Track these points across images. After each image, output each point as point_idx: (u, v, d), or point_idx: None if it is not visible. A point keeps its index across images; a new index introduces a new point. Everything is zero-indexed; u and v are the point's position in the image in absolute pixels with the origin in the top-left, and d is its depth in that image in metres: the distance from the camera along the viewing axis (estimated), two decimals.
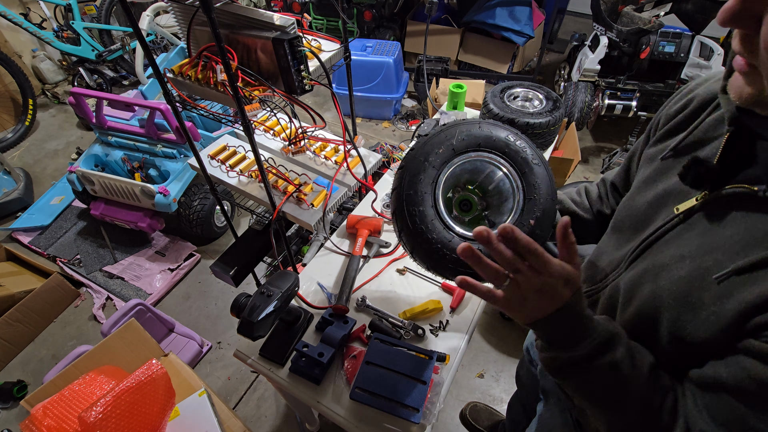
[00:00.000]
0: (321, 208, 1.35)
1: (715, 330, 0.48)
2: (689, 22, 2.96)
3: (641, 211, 0.65)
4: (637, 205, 0.67)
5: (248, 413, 1.88)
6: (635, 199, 0.68)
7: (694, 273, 0.51)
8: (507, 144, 0.80)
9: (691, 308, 0.50)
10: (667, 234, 0.58)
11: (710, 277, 0.49)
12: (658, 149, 0.68)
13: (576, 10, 4.97)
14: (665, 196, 0.62)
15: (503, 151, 0.80)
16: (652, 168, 0.67)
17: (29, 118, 3.43)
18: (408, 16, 4.07)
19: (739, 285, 0.46)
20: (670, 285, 0.53)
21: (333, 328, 1.11)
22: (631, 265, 0.63)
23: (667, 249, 0.57)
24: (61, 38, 3.36)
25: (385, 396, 0.97)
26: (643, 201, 0.66)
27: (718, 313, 0.48)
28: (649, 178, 0.67)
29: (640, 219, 0.65)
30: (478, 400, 1.87)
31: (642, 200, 0.66)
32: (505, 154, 0.80)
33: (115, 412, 1.06)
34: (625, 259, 0.65)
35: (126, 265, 2.46)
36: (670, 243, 0.57)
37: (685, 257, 0.53)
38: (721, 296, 0.48)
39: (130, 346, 1.55)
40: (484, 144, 0.80)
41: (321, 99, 3.83)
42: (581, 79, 3.08)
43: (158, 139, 2.31)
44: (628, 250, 0.65)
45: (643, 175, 0.69)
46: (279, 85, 1.12)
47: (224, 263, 1.45)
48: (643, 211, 0.65)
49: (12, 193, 2.78)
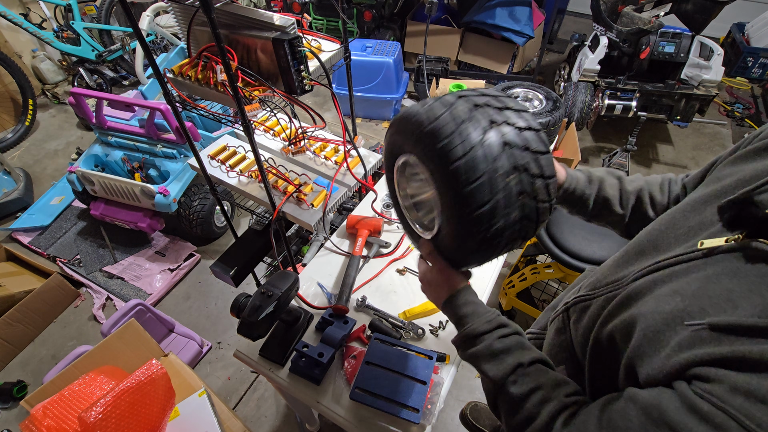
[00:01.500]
0: (321, 208, 1.35)
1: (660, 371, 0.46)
2: (689, 22, 2.96)
3: (674, 234, 0.59)
4: (675, 224, 0.60)
5: (248, 413, 1.87)
6: (676, 217, 0.61)
7: (676, 313, 0.48)
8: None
9: (655, 345, 0.48)
10: (679, 266, 0.54)
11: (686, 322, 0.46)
12: (732, 170, 0.59)
13: (576, 10, 4.97)
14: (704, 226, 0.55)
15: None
16: (712, 189, 0.58)
17: (29, 118, 3.43)
18: (408, 16, 4.07)
19: (705, 340, 0.44)
20: (651, 315, 0.51)
21: (333, 328, 1.11)
22: (631, 284, 0.59)
23: (670, 282, 0.53)
24: (61, 38, 3.36)
25: (385, 396, 0.97)
26: (683, 224, 0.59)
27: (670, 356, 0.46)
28: (701, 199, 0.59)
29: (668, 240, 0.59)
30: (479, 400, 1.87)
31: (683, 222, 0.59)
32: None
33: (115, 412, 1.06)
34: (629, 276, 0.61)
35: (126, 265, 2.46)
36: (677, 277, 0.53)
37: (678, 294, 0.50)
38: (682, 344, 0.45)
39: (130, 347, 1.55)
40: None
41: (321, 99, 3.84)
42: (581, 79, 3.08)
43: (158, 139, 2.31)
44: (638, 267, 0.60)
45: (700, 194, 0.60)
46: (279, 85, 1.12)
47: (224, 263, 1.45)
48: (676, 234, 0.58)
49: (12, 193, 2.78)
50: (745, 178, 0.54)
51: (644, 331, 0.50)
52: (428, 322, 1.19)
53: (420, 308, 1.21)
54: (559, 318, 0.78)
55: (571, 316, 0.73)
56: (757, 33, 3.88)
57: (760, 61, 3.78)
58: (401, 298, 1.26)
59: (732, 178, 0.57)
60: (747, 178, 0.54)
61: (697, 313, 0.46)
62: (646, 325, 0.50)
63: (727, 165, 0.61)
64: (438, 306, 0.75)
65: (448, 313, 0.73)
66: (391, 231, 1.46)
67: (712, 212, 0.55)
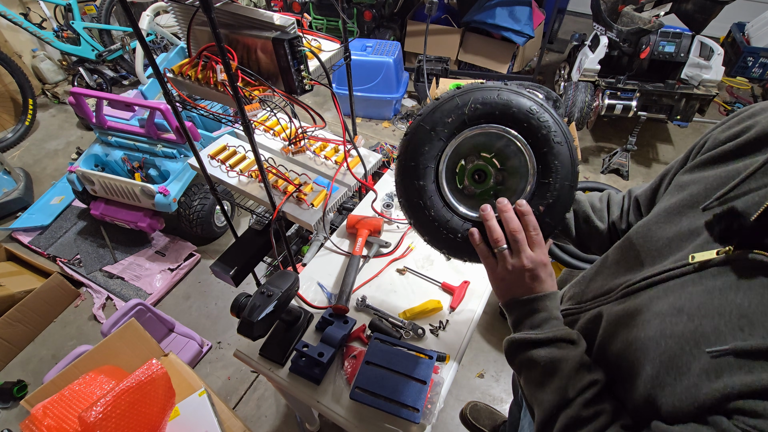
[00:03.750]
0: (321, 208, 1.35)
1: (691, 403, 0.44)
2: (689, 22, 2.96)
3: (655, 246, 0.58)
4: (652, 237, 0.60)
5: (248, 413, 1.88)
6: (652, 229, 0.61)
7: (689, 335, 0.47)
8: (528, 117, 0.69)
9: (676, 371, 0.46)
10: (672, 281, 0.52)
11: (704, 346, 0.45)
12: (693, 177, 0.59)
13: (576, 10, 4.97)
14: (685, 236, 0.55)
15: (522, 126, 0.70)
16: (680, 198, 0.59)
17: (29, 118, 3.43)
18: (408, 16, 4.07)
19: (734, 367, 0.42)
20: (660, 338, 0.49)
21: (333, 328, 1.11)
22: (622, 299, 0.58)
23: (666, 297, 0.52)
24: (61, 38, 3.36)
25: (385, 396, 0.97)
26: (661, 235, 0.58)
27: (699, 386, 0.44)
28: (673, 208, 0.59)
29: (650, 253, 0.59)
30: (479, 400, 1.87)
31: (660, 233, 0.59)
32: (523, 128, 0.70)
33: (115, 412, 1.06)
34: (617, 289, 0.60)
35: (126, 265, 2.46)
36: (672, 291, 0.52)
37: (683, 312, 0.48)
38: (709, 371, 0.43)
39: (130, 346, 1.55)
40: (500, 115, 0.70)
41: (321, 99, 3.83)
42: (581, 79, 3.08)
43: (158, 139, 2.31)
44: (625, 281, 0.60)
45: (668, 203, 0.60)
46: (279, 85, 1.12)
47: (224, 263, 1.45)
48: (657, 247, 0.58)
49: (12, 193, 2.78)
50: (711, 186, 0.55)
51: (659, 357, 0.48)
52: (428, 322, 1.19)
53: (420, 308, 1.21)
54: None
55: None
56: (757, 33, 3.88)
57: (760, 61, 3.78)
58: (401, 298, 1.26)
59: (698, 186, 0.57)
60: (714, 185, 0.55)
61: (713, 334, 0.45)
62: (659, 351, 0.49)
63: (686, 173, 0.61)
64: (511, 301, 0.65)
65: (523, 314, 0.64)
66: (391, 231, 1.46)
67: (689, 222, 0.55)
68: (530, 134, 0.70)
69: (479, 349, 2.07)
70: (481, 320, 2.16)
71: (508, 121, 0.71)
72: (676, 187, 0.62)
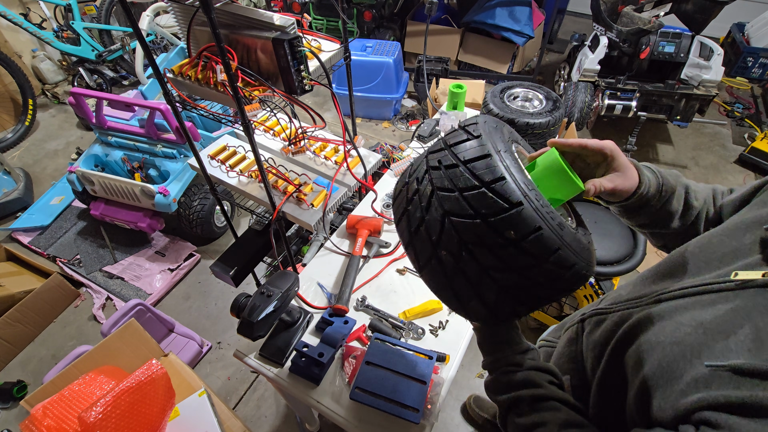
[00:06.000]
0: (321, 208, 1.35)
1: (672, 408, 0.44)
2: (689, 22, 2.96)
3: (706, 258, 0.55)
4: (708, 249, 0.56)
5: (248, 413, 1.87)
6: (713, 241, 0.57)
7: (696, 346, 0.45)
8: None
9: (669, 375, 0.46)
10: (706, 295, 0.50)
11: (705, 359, 0.44)
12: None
13: (576, 10, 4.97)
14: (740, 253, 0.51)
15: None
16: (756, 214, 0.54)
17: (29, 118, 3.43)
18: (408, 16, 4.07)
19: (724, 382, 0.41)
20: (668, 345, 0.48)
21: (333, 328, 1.11)
22: (653, 305, 0.56)
23: (693, 309, 0.50)
24: (61, 38, 3.36)
25: (385, 396, 0.97)
26: (717, 248, 0.55)
27: (685, 393, 0.43)
28: (742, 223, 0.55)
29: (698, 264, 0.55)
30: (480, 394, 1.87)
31: (718, 247, 0.55)
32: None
33: (115, 412, 1.06)
34: (652, 294, 0.58)
35: (126, 265, 2.46)
36: (701, 305, 0.49)
37: (702, 326, 0.47)
38: (699, 381, 0.43)
39: (130, 346, 1.55)
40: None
41: (321, 99, 3.83)
42: (581, 79, 3.08)
43: (158, 139, 2.31)
44: (663, 287, 0.57)
45: (742, 218, 0.56)
46: (279, 85, 1.12)
47: (224, 263, 1.45)
48: (708, 259, 0.54)
49: (12, 193, 2.78)
50: None
51: (660, 361, 0.48)
52: (428, 322, 1.19)
53: (420, 308, 1.21)
54: (573, 328, 0.77)
55: (586, 328, 0.71)
56: (757, 33, 3.88)
57: (760, 61, 3.78)
58: (401, 298, 1.26)
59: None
60: None
61: (719, 350, 0.44)
62: (663, 354, 0.48)
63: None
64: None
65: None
66: (391, 231, 1.46)
67: (751, 239, 0.51)
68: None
69: (479, 349, 2.07)
70: None
71: None
72: (759, 203, 0.57)
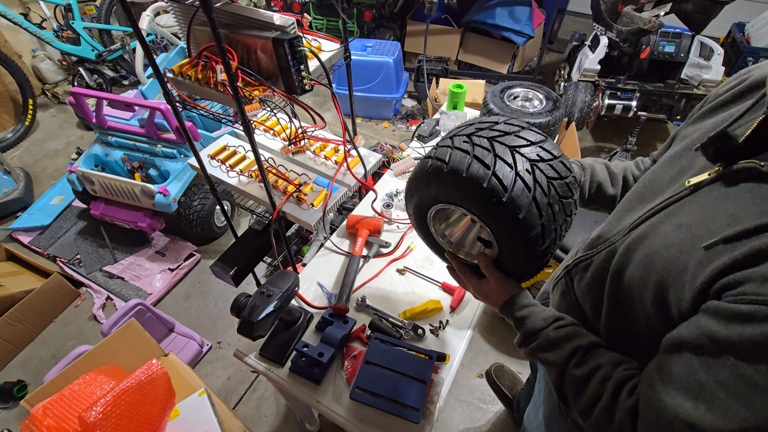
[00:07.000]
0: (321, 208, 1.35)
1: (689, 296, 0.49)
2: (689, 22, 2.95)
3: (659, 186, 0.64)
4: (656, 179, 0.66)
5: (248, 413, 1.88)
6: (657, 173, 0.67)
7: (687, 240, 0.51)
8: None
9: (675, 272, 0.51)
10: (673, 206, 0.58)
11: (699, 244, 0.49)
12: (694, 128, 0.67)
13: (576, 10, 4.97)
14: (684, 171, 0.61)
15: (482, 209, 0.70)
16: (682, 145, 0.66)
17: (29, 118, 3.43)
18: (408, 16, 4.07)
19: (721, 252, 0.46)
20: (663, 250, 0.54)
21: (333, 328, 1.11)
22: (631, 232, 0.63)
23: (668, 220, 0.57)
24: (61, 38, 3.36)
25: (385, 396, 0.97)
26: (663, 176, 0.65)
27: (695, 276, 0.48)
28: (675, 154, 0.66)
29: (653, 192, 0.65)
30: (479, 399, 1.88)
31: (663, 175, 0.65)
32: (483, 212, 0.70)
33: (115, 412, 1.06)
34: (625, 227, 0.65)
35: (126, 265, 2.46)
36: (673, 214, 0.57)
37: (683, 226, 0.54)
38: (702, 262, 0.48)
39: (130, 346, 1.55)
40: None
41: (321, 99, 3.83)
42: (581, 79, 3.08)
43: (158, 139, 2.31)
44: (633, 218, 0.64)
45: (672, 152, 0.68)
46: (279, 85, 1.12)
47: (224, 263, 1.45)
48: (660, 186, 0.64)
49: (12, 193, 2.78)
50: (709, 130, 0.61)
51: (662, 263, 0.53)
52: (428, 322, 1.19)
53: (420, 308, 1.21)
54: (562, 281, 0.81)
55: (574, 277, 0.76)
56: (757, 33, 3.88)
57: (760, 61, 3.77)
58: (401, 298, 1.26)
59: (698, 132, 0.64)
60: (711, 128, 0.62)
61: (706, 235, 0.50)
62: (662, 259, 0.54)
63: (688, 126, 0.69)
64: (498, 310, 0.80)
65: (508, 316, 0.78)
66: (391, 231, 1.46)
67: (688, 160, 0.62)
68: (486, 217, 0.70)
69: (479, 349, 2.07)
70: (481, 320, 2.16)
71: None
72: (680, 139, 0.70)
